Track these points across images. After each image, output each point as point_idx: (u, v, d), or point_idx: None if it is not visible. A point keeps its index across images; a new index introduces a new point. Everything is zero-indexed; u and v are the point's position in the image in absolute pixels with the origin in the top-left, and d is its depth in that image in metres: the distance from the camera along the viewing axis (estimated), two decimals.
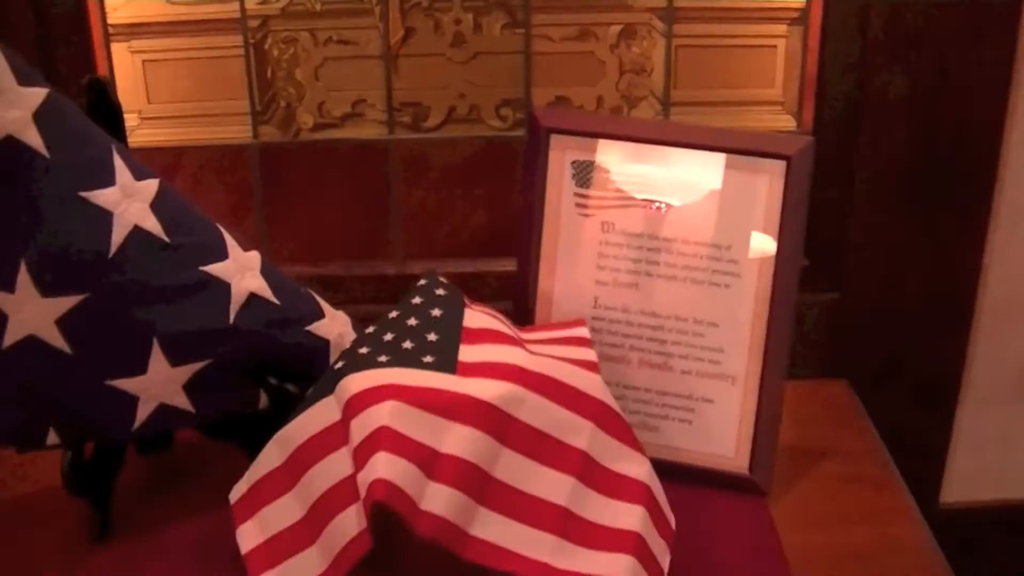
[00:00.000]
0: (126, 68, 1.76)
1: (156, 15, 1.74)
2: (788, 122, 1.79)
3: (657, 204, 1.43)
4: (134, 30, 1.75)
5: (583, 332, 1.35)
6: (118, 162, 1.24)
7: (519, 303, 1.49)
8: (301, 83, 1.78)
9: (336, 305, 1.56)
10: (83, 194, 1.22)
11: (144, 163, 1.57)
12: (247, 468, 1.27)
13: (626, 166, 1.45)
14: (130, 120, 1.77)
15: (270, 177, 1.80)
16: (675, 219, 1.43)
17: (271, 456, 1.26)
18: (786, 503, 1.44)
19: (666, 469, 1.34)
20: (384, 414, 1.14)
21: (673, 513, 1.29)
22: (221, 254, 1.32)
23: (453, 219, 1.82)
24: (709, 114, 1.80)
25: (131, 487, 1.45)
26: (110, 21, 1.72)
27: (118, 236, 1.24)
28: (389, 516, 1.08)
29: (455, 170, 1.81)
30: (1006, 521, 1.97)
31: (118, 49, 1.75)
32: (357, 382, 1.19)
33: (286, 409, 1.28)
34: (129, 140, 1.66)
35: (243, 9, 1.73)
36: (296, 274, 1.72)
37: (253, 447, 1.28)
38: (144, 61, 1.76)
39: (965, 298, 1.80)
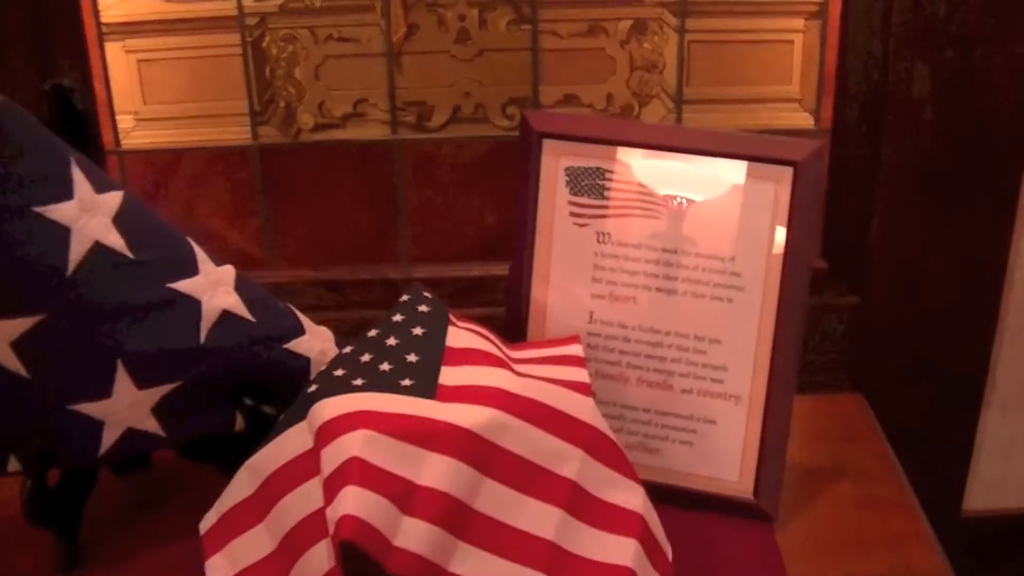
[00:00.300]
0: (121, 68, 1.67)
1: (151, 13, 1.65)
2: (806, 120, 1.69)
3: (678, 200, 1.30)
4: (128, 29, 1.66)
5: (576, 350, 1.23)
6: (77, 174, 1.13)
7: (512, 317, 1.37)
8: (301, 82, 1.68)
9: (340, 310, 1.46)
10: (37, 209, 1.11)
11: (142, 166, 1.48)
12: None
13: (623, 173, 1.34)
14: (125, 122, 1.69)
15: (272, 179, 1.71)
16: (676, 229, 1.32)
17: (241, 485, 1.15)
18: (794, 529, 1.33)
19: (666, 494, 1.25)
20: (355, 444, 1.03)
21: (672, 542, 1.18)
22: (191, 270, 1.21)
23: (460, 221, 1.73)
24: (723, 112, 1.70)
25: (104, 510, 1.35)
26: (103, 20, 1.64)
27: (76, 253, 1.13)
28: (360, 554, 0.97)
29: (462, 171, 1.71)
30: None
31: (112, 49, 1.66)
32: (329, 408, 1.08)
33: (264, 432, 1.17)
34: (124, 142, 1.64)
35: (240, 6, 1.63)
36: (300, 278, 1.70)
37: (232, 469, 1.17)
38: (139, 61, 1.67)
39: (990, 299, 1.71)
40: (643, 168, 1.32)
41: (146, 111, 1.69)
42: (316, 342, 1.30)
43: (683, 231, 1.32)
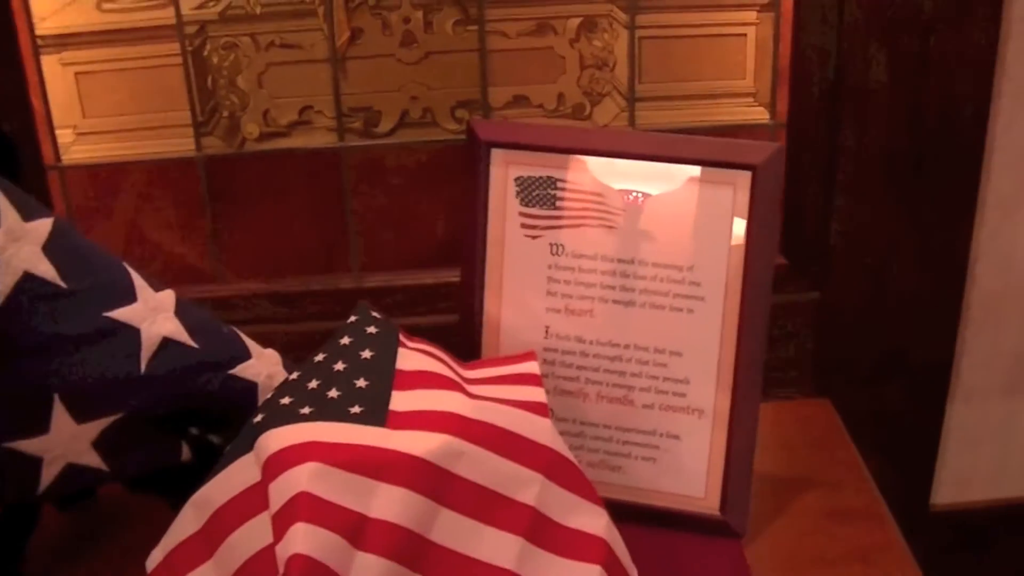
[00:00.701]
0: (58, 82, 1.59)
1: (87, 24, 1.58)
2: (761, 114, 1.64)
3: (635, 194, 1.24)
4: (64, 41, 1.58)
5: (532, 368, 1.18)
6: (3, 202, 1.06)
7: (464, 333, 1.32)
8: (244, 91, 1.61)
9: (292, 322, 1.46)
10: None
11: (84, 181, 1.50)
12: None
13: (576, 182, 1.29)
14: (65, 136, 1.61)
15: (218, 191, 1.64)
16: (631, 239, 1.28)
17: (187, 521, 1.09)
18: (763, 544, 1.29)
19: (630, 512, 1.21)
20: (303, 478, 0.98)
21: (638, 562, 1.13)
22: (128, 297, 1.15)
23: (412, 228, 1.67)
24: (677, 109, 1.64)
25: (48, 546, 1.29)
26: (38, 32, 1.56)
27: (5, 285, 1.07)
28: None
29: (412, 177, 1.66)
30: (1001, 521, 1.83)
31: (49, 62, 1.58)
32: (276, 439, 1.03)
33: (212, 461, 1.10)
34: (64, 157, 1.58)
35: (179, 14, 1.56)
36: (249, 291, 1.63)
37: (181, 501, 1.11)
38: (77, 73, 1.59)
39: (953, 291, 1.66)
40: (596, 176, 1.27)
41: (86, 125, 1.62)
42: (263, 366, 1.23)
43: (639, 240, 1.27)
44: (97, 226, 1.61)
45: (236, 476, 1.05)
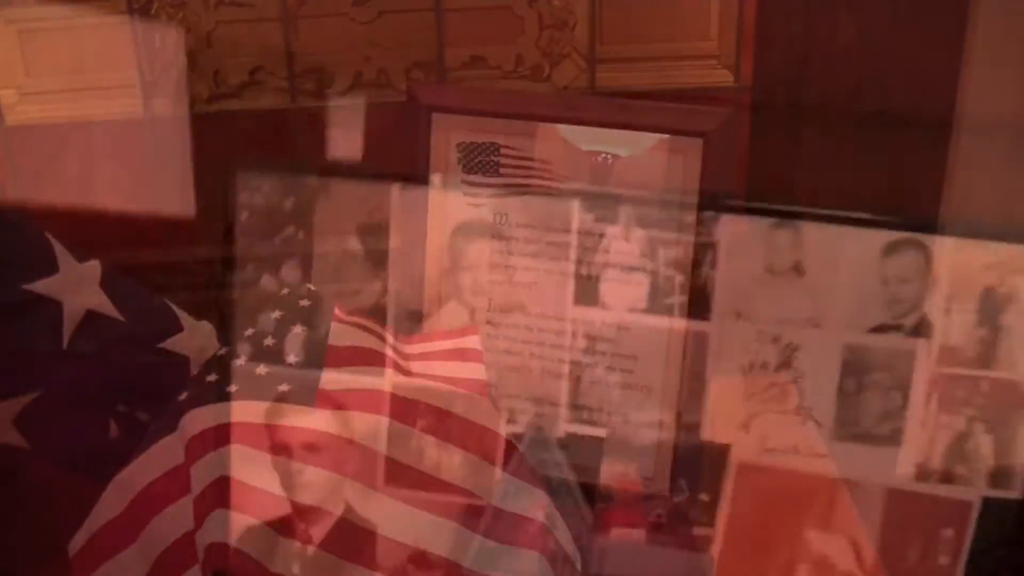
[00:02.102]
0: (0, 40, 1.53)
1: None
2: (725, 77, 1.57)
3: (604, 155, 1.18)
4: None
5: (473, 343, 1.15)
6: None
7: (405, 306, 1.26)
8: (193, 51, 1.52)
9: (245, 287, 1.42)
10: None
11: (30, 141, 1.47)
12: None
13: (521, 148, 1.25)
14: (9, 96, 1.55)
15: (168, 152, 1.58)
16: (579, 207, 1.20)
17: (110, 503, 1.05)
18: (717, 527, 1.22)
19: (575, 492, 1.17)
20: (225, 461, 0.95)
21: (582, 547, 1.10)
22: (49, 268, 1.10)
23: (367, 190, 1.57)
24: (639, 71, 1.56)
25: None
26: None
27: None
28: None
29: (368, 139, 1.55)
30: None
31: None
32: (200, 419, 1.01)
33: (140, 439, 1.05)
34: (8, 118, 1.52)
35: None
36: (201, 255, 1.57)
37: (108, 481, 1.06)
38: (20, 32, 1.54)
39: None
40: (542, 142, 1.23)
41: (30, 84, 1.56)
42: (195, 339, 1.19)
43: (587, 209, 1.22)
44: (43, 188, 1.55)
45: (159, 457, 1.02)
